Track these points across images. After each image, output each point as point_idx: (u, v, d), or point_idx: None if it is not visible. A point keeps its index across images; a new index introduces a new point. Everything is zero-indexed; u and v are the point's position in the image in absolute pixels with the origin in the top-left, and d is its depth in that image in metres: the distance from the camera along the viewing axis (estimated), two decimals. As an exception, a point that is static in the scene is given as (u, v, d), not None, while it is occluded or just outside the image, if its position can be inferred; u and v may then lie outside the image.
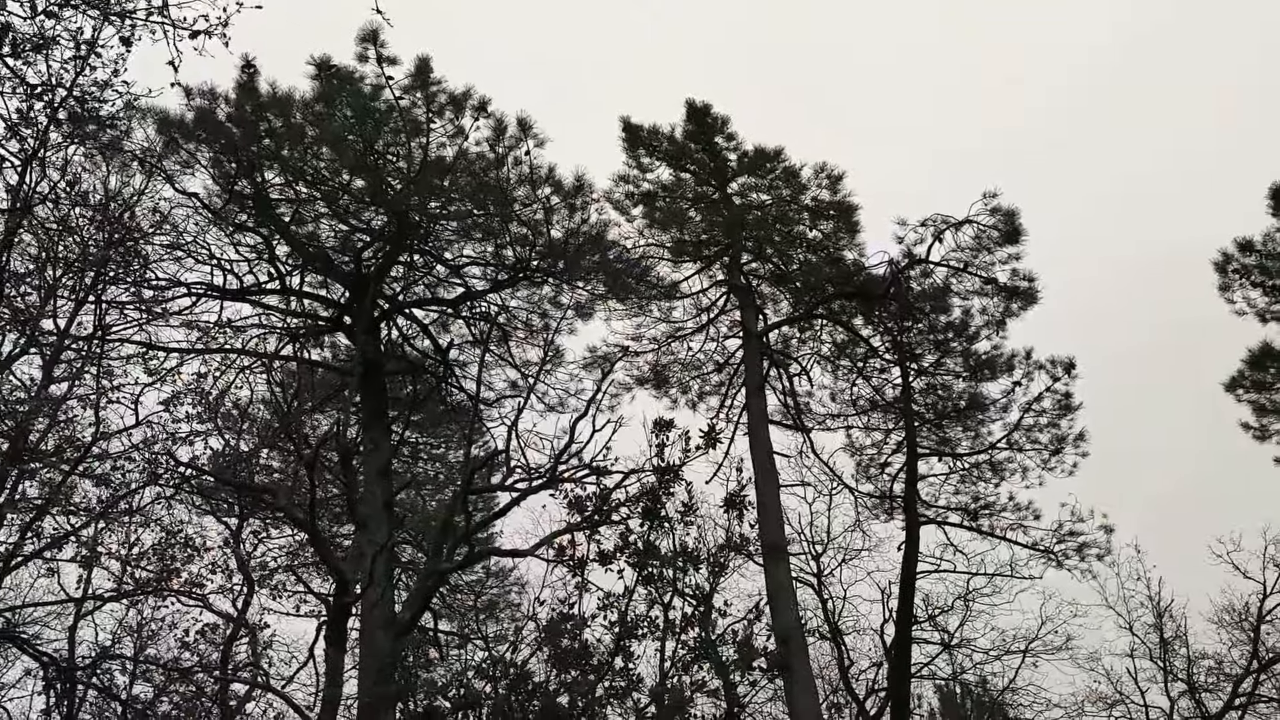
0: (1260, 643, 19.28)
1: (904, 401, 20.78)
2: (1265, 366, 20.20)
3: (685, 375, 22.57)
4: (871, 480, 21.51)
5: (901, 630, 19.31)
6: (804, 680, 16.52)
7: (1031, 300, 19.84)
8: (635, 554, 13.88)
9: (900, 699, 19.02)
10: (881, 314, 20.68)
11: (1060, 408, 20.43)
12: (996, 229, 19.53)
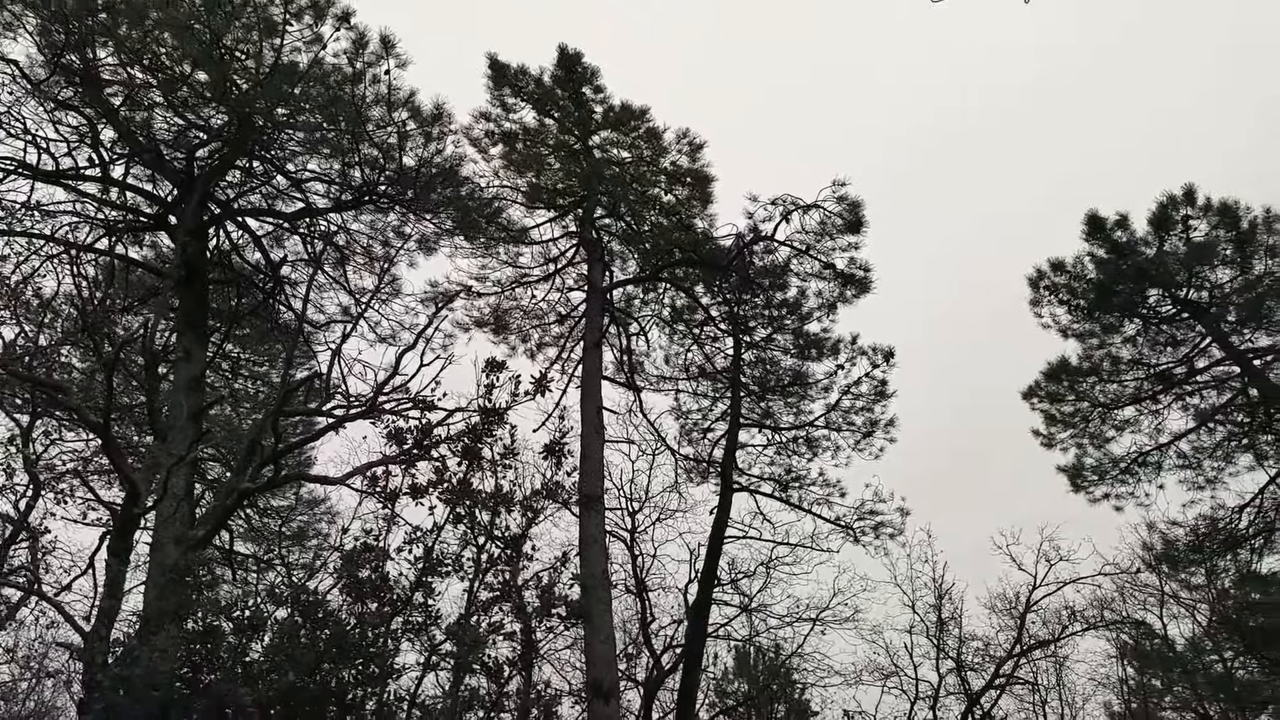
0: (1025, 629, 20.99)
1: (733, 372, 21.42)
2: (1059, 379, 21.82)
3: (526, 322, 22.49)
4: (693, 444, 22.11)
5: (704, 591, 20.03)
6: (603, 630, 16.89)
7: (865, 289, 20.72)
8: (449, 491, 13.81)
9: (695, 655, 19.77)
10: (723, 285, 21.17)
11: (876, 393, 21.51)
12: (841, 217, 20.21)
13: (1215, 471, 21.42)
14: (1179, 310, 21.54)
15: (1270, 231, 20.42)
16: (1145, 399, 21.99)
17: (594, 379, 19.73)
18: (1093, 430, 22.20)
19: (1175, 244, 21.05)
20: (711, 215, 21.02)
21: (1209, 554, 20.23)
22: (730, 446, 20.93)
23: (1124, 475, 22.17)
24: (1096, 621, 20.62)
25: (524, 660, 13.32)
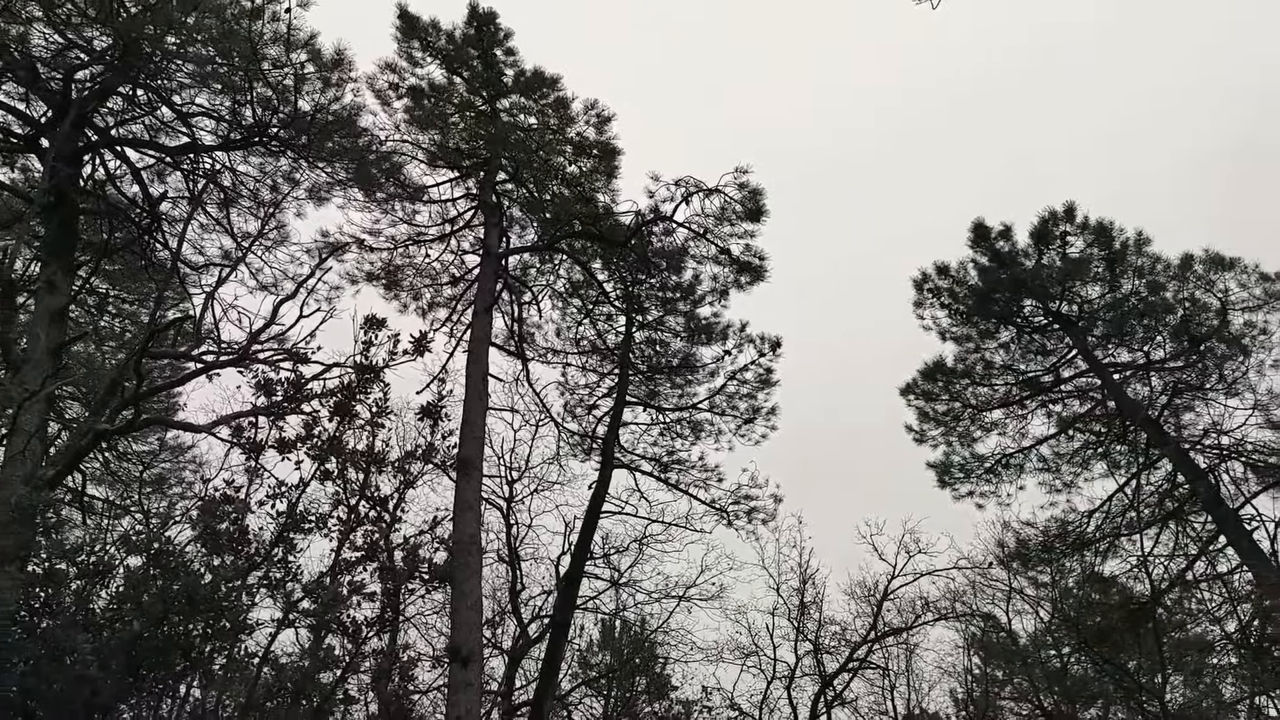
0: (881, 617, 21.78)
1: (623, 350, 21.51)
2: (935, 379, 22.63)
3: (419, 281, 22.10)
4: (578, 419, 22.16)
5: (577, 563, 20.14)
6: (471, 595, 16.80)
7: (759, 277, 20.99)
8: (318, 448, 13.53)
9: (562, 626, 19.88)
10: (620, 262, 21.19)
11: (761, 381, 21.89)
12: (742, 204, 20.39)
13: (1071, 476, 22.59)
14: (1050, 321, 22.57)
15: (1140, 253, 21.51)
16: (1013, 403, 23.01)
17: (482, 345, 19.53)
18: (962, 430, 23.12)
19: (1053, 258, 22.03)
20: (614, 190, 20.97)
21: (1058, 554, 21.32)
22: (614, 424, 21.05)
23: (988, 475, 23.17)
24: (948, 613, 21.55)
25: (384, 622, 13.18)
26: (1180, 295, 21.20)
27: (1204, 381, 21.40)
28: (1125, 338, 21.96)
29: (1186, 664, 20.47)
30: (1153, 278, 21.28)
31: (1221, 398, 21.27)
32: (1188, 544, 20.89)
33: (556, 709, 22.01)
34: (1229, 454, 20.81)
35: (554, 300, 21.83)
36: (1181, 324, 21.26)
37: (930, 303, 23.01)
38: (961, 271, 22.83)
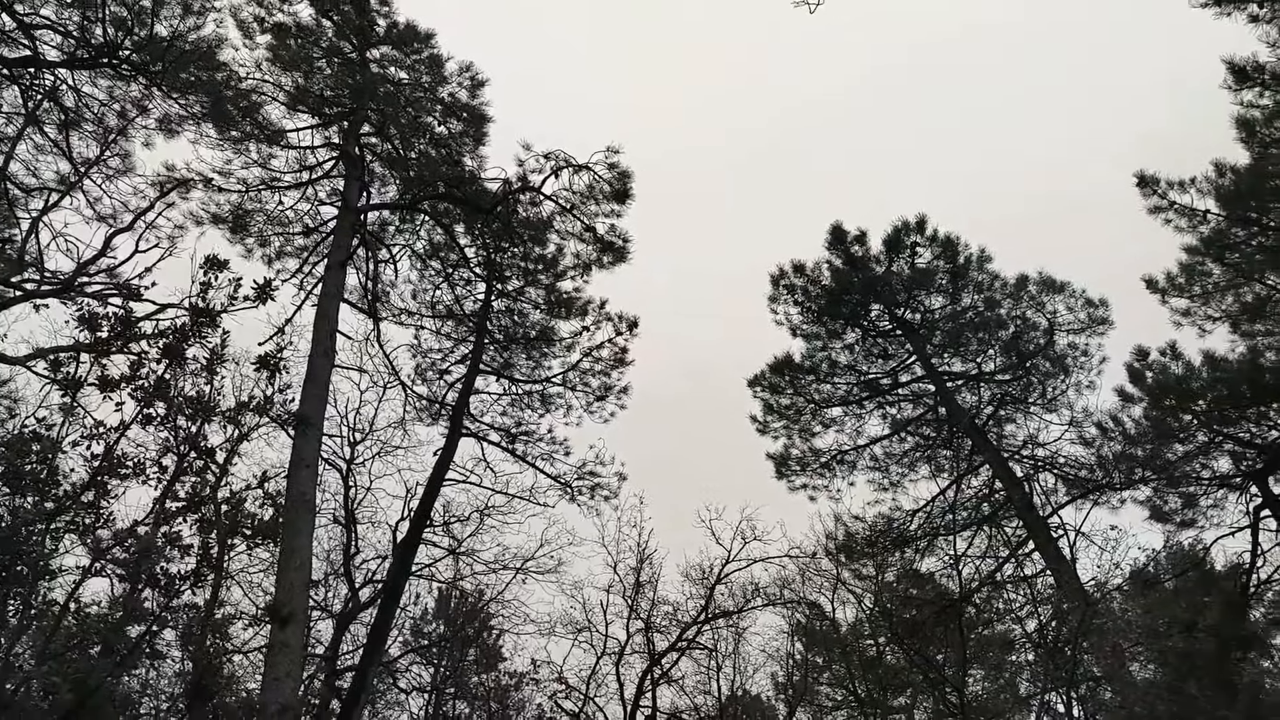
0: (713, 599, 22.34)
1: (480, 318, 21.27)
2: (782, 373, 23.30)
3: (269, 228, 21.20)
4: (428, 384, 21.81)
5: (415, 530, 19.85)
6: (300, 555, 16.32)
7: (622, 258, 21.06)
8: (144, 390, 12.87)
9: (394, 592, 19.57)
10: (483, 228, 20.91)
11: (616, 360, 22.06)
12: (610, 184, 20.41)
13: (899, 476, 23.67)
14: (894, 327, 23.55)
15: (981, 269, 22.66)
16: (852, 403, 23.93)
17: (333, 300, 18.93)
18: (803, 424, 23.90)
19: (902, 266, 22.96)
20: (483, 156, 20.67)
21: (881, 550, 22.33)
22: (466, 391, 20.82)
23: (823, 469, 24.03)
24: (776, 599, 22.32)
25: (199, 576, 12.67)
26: (1013, 313, 22.48)
27: (1027, 396, 22.79)
28: (960, 349, 23.14)
29: (989, 659, 21.85)
30: (990, 294, 22.49)
31: (1041, 412, 22.72)
32: (999, 547, 22.24)
33: (382, 675, 21.70)
34: (1043, 465, 22.24)
35: (412, 261, 21.38)
36: (1012, 340, 22.56)
37: (785, 299, 23.67)
38: (817, 271, 23.56)
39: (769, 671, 24.07)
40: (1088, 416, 21.56)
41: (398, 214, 21.09)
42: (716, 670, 23.33)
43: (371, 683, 19.81)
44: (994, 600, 22.34)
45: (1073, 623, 16.89)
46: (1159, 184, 18.07)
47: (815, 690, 23.47)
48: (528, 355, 22.11)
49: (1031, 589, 20.96)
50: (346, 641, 20.91)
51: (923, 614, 20.63)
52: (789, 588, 22.31)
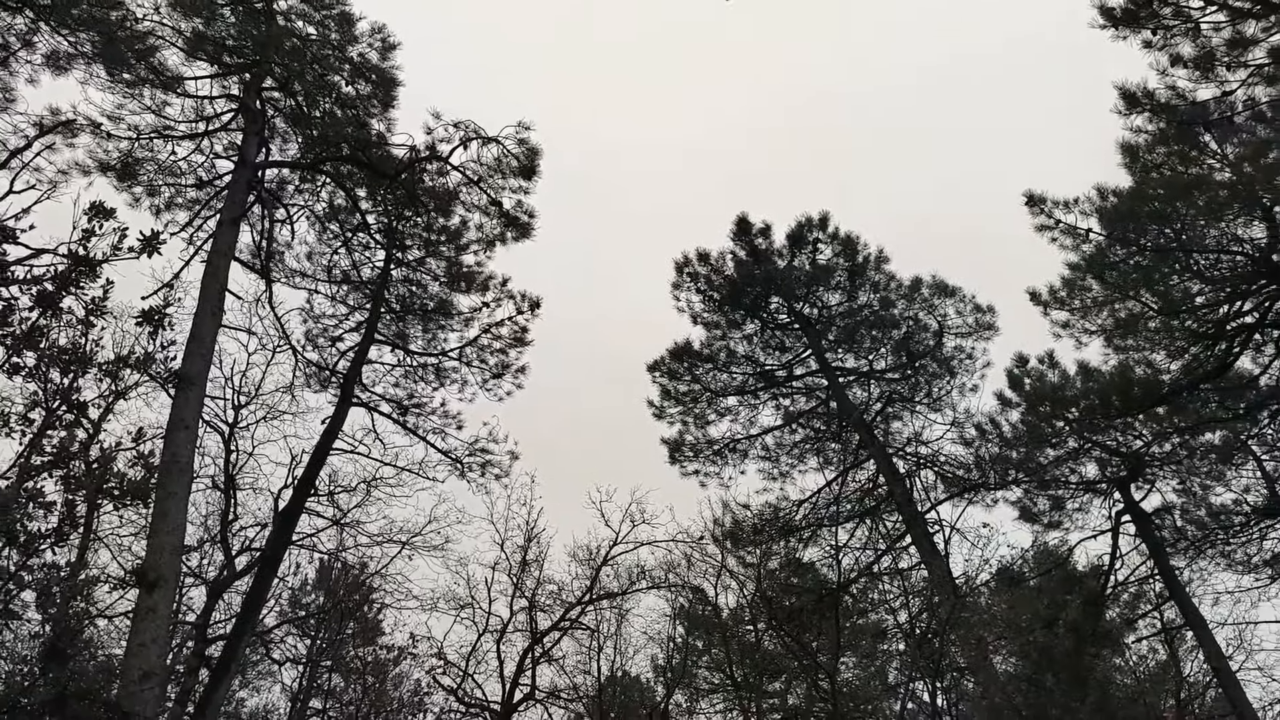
0: (598, 580, 22.45)
1: (378, 286, 20.85)
2: (681, 359, 23.53)
3: (160, 179, 20.31)
4: (320, 350, 21.29)
5: (298, 498, 19.37)
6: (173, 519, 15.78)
7: (526, 234, 20.88)
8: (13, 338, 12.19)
9: (273, 561, 19.07)
10: (387, 194, 20.47)
11: (515, 338, 21.94)
12: (518, 159, 20.22)
13: (788, 467, 24.20)
14: (792, 320, 23.99)
15: (878, 270, 23.24)
16: (748, 392, 24.32)
17: (223, 257, 18.26)
18: (699, 412, 24.19)
19: (803, 261, 23.37)
20: (391, 120, 20.19)
21: (766, 538, 22.78)
22: (359, 360, 20.40)
23: (715, 457, 24.39)
24: (661, 582, 22.55)
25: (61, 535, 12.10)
26: (906, 314, 23.16)
27: (914, 395, 23.53)
28: (854, 345, 23.74)
29: (861, 647, 22.55)
30: (885, 294, 23.11)
31: (927, 411, 23.50)
32: (878, 540, 22.95)
33: (255, 645, 21.17)
34: (925, 462, 23.02)
35: (310, 222, 20.78)
36: (903, 340, 23.24)
37: (688, 286, 23.88)
38: (721, 261, 23.83)
39: (649, 653, 24.37)
40: (969, 418, 22.43)
41: (298, 173, 20.47)
42: (598, 651, 23.51)
43: (243, 652, 19.29)
44: (870, 591, 23.05)
45: (942, 615, 17.54)
46: (1045, 203, 18.82)
47: (694, 673, 23.84)
48: (425, 327, 21.78)
49: (905, 581, 21.69)
50: (219, 610, 20.33)
51: (802, 602, 21.13)
52: (674, 572, 22.60)
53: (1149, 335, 19.30)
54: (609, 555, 22.05)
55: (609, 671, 24.36)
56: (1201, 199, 18.07)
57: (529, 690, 21.00)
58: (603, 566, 22.13)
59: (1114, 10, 15.66)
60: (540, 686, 21.44)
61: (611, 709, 24.44)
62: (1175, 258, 18.42)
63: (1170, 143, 17.94)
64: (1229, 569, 20.88)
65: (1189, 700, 21.33)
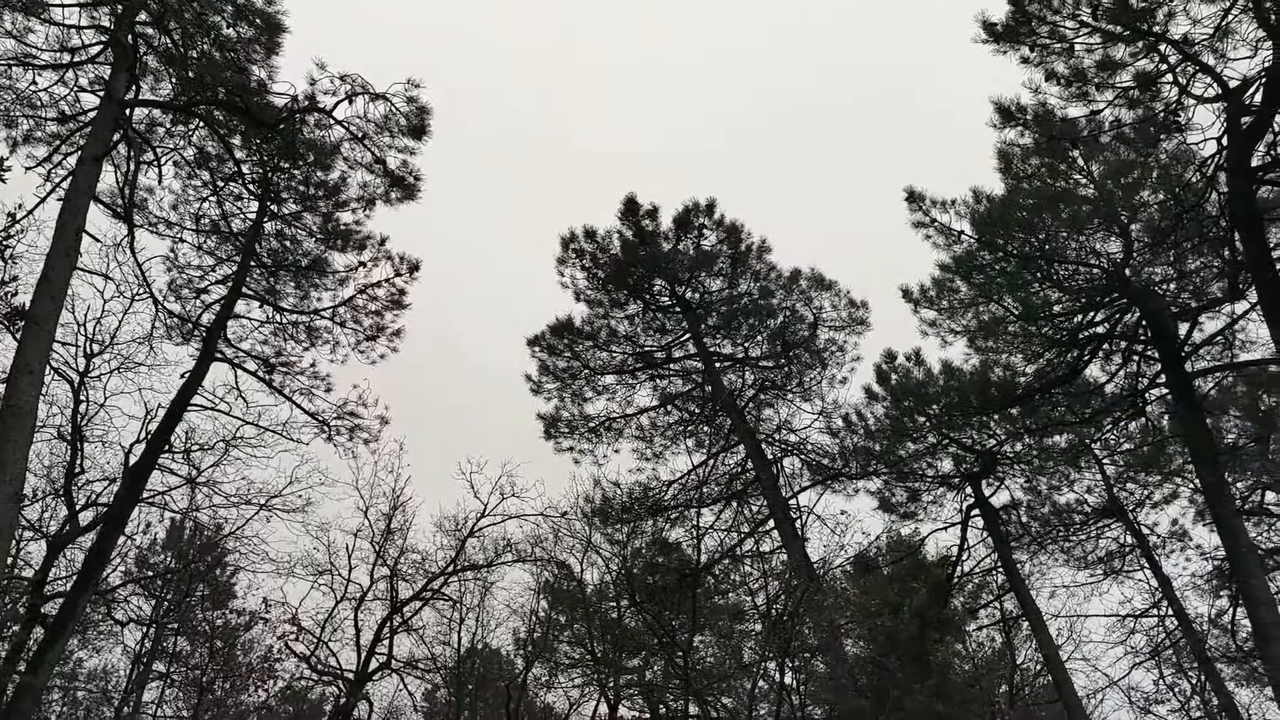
0: (463, 551, 22.25)
1: (250, 238, 20.11)
2: (562, 336, 23.49)
3: (18, 109, 19.09)
4: (183, 301, 20.40)
5: (151, 454, 18.60)
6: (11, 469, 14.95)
7: (411, 196, 20.38)
8: None
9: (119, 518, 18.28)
10: (264, 145, 19.71)
11: (392, 301, 21.51)
12: (407, 118, 19.72)
13: (662, 448, 24.47)
14: (674, 304, 24.19)
15: (760, 259, 23.62)
16: (626, 372, 24.45)
17: (83, 196, 17.25)
18: (576, 388, 24.20)
19: (688, 246, 23.56)
20: (273, 67, 19.34)
21: (635, 516, 22.99)
22: (224, 314, 19.66)
23: (591, 434, 24.46)
24: (527, 556, 22.50)
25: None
26: (784, 304, 23.63)
27: (787, 384, 24.07)
28: (732, 332, 24.11)
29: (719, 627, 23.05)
30: (765, 283, 23.51)
31: (797, 400, 24.10)
32: (743, 523, 23.44)
33: (96, 604, 20.25)
34: (792, 450, 23.60)
35: (179, 168, 19.82)
36: (779, 330, 23.71)
37: (573, 262, 23.79)
38: (607, 240, 23.79)
39: (511, 627, 24.34)
40: (837, 409, 23.09)
41: (169, 115, 19.49)
42: (459, 622, 23.35)
43: (82, 611, 18.45)
44: (732, 572, 23.54)
45: (797, 597, 18.04)
46: (924, 200, 19.43)
47: (554, 648, 23.92)
48: (297, 284, 21.12)
49: (766, 564, 22.23)
50: (60, 566, 19.37)
51: (665, 581, 21.44)
52: (541, 546, 22.55)
53: (1009, 339, 20.19)
54: (476, 527, 21.88)
55: (469, 643, 24.27)
56: (1066, 212, 18.98)
57: (385, 659, 20.70)
58: (469, 538, 21.94)
59: (995, 26, 16.20)
60: (397, 656, 21.17)
61: (470, 680, 24.37)
62: (1038, 266, 19.26)
63: (1041, 155, 18.77)
64: (1066, 564, 22.15)
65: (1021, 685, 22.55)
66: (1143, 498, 21.74)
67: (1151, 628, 20.86)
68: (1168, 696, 20.65)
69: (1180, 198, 17.59)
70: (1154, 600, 20.79)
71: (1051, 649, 19.72)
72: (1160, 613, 20.67)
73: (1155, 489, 21.83)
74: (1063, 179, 18.89)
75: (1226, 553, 18.13)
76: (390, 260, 21.16)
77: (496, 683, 23.66)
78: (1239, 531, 17.65)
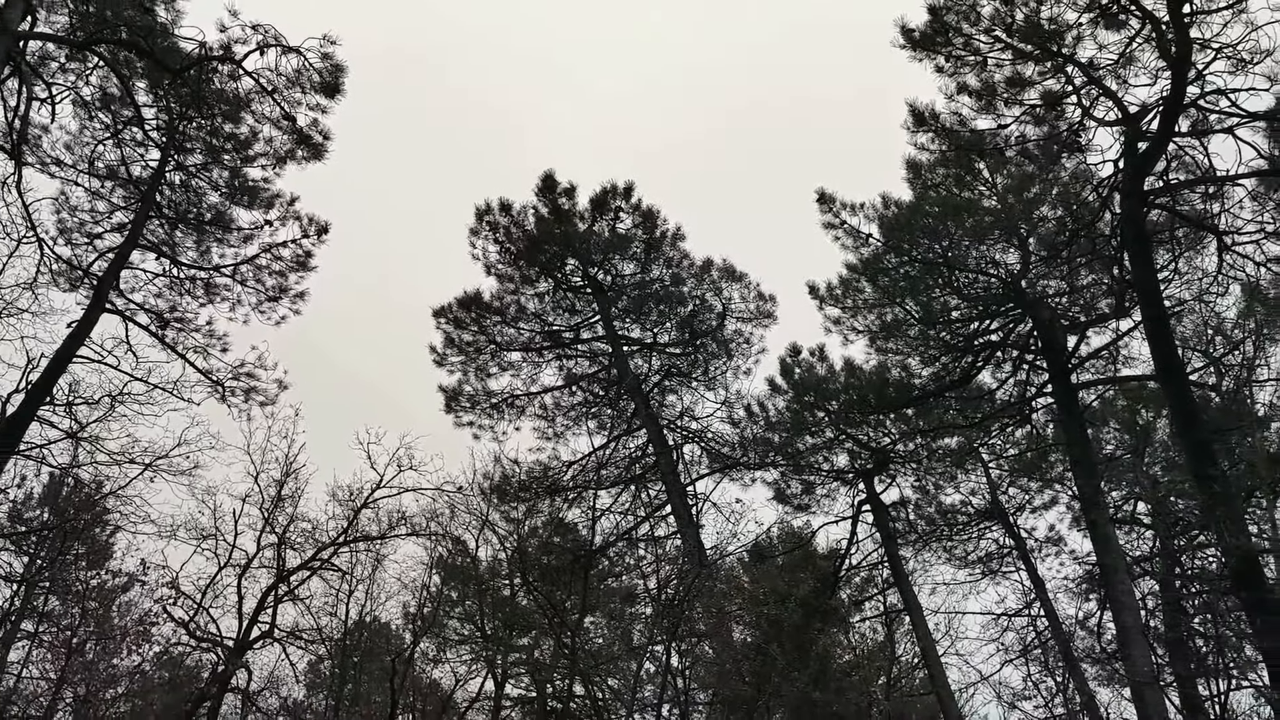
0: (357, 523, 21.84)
1: (150, 187, 19.41)
2: (470, 308, 23.24)
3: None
4: (74, 247, 19.59)
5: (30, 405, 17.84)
6: None
7: (319, 156, 19.91)
8: None
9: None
10: (169, 91, 18.97)
11: (297, 263, 21.02)
12: (321, 75, 19.21)
13: (564, 428, 24.46)
14: (585, 285, 24.14)
15: (674, 246, 23.74)
16: (533, 350, 24.34)
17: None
18: (481, 363, 24.00)
19: (604, 227, 23.53)
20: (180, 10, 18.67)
21: (533, 495, 22.94)
22: (117, 264, 18.96)
23: (493, 410, 24.29)
24: (422, 530, 22.17)
25: None
26: (695, 292, 23.82)
27: (692, 371, 24.31)
28: (642, 316, 24.19)
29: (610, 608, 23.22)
30: (678, 270, 23.65)
31: (701, 389, 24.35)
32: (640, 507, 23.61)
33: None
34: (693, 437, 23.84)
35: (77, 107, 18.96)
36: (689, 317, 23.91)
37: (486, 235, 23.54)
38: (523, 215, 23.60)
39: (402, 601, 24.01)
40: (740, 399, 23.39)
41: (66, 50, 18.59)
42: (348, 594, 22.95)
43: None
44: (626, 555, 23.71)
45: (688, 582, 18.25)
46: (835, 202, 19.77)
47: (444, 623, 23.72)
48: (198, 238, 20.49)
49: (660, 549, 22.44)
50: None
51: (559, 561, 21.45)
52: (436, 520, 22.26)
53: (908, 341, 20.71)
54: (371, 498, 21.47)
55: (358, 616, 23.90)
56: (969, 221, 19.52)
57: (268, 628, 20.23)
58: (363, 509, 21.49)
59: (914, 33, 16.51)
60: (281, 625, 20.70)
61: (356, 653, 24.03)
62: (940, 272, 19.77)
63: (949, 165, 19.25)
64: (948, 562, 22.89)
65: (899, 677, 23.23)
66: (1023, 502, 22.60)
67: (1023, 627, 21.71)
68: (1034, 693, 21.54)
69: (1077, 215, 18.27)
70: (1027, 601, 21.63)
71: (929, 643, 20.37)
72: (1033, 613, 21.53)
73: (1036, 494, 22.72)
74: (968, 189, 19.43)
75: (1097, 558, 19.00)
76: (299, 221, 20.70)
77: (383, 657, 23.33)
78: (1110, 539, 18.50)
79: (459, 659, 23.66)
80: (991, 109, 16.99)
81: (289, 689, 24.38)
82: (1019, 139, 17.60)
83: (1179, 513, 20.46)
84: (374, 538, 22.42)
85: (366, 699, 23.41)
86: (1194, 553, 21.20)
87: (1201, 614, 20.71)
